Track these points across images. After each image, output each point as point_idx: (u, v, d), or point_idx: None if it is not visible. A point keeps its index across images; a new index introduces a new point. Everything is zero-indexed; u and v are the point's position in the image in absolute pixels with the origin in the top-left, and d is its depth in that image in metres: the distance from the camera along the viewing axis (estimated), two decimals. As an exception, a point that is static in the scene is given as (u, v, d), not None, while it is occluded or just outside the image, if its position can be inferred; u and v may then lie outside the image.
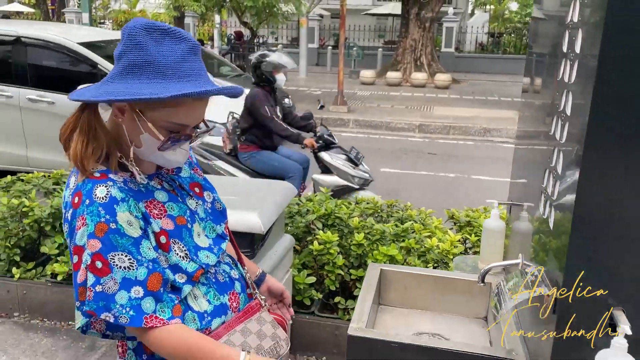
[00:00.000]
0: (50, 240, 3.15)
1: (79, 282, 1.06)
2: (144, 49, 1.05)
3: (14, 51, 5.19)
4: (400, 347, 1.34)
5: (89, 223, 1.05)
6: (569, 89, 1.14)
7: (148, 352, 1.16)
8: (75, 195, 1.08)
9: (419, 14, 15.70)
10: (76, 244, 1.07)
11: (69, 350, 2.86)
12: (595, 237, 1.04)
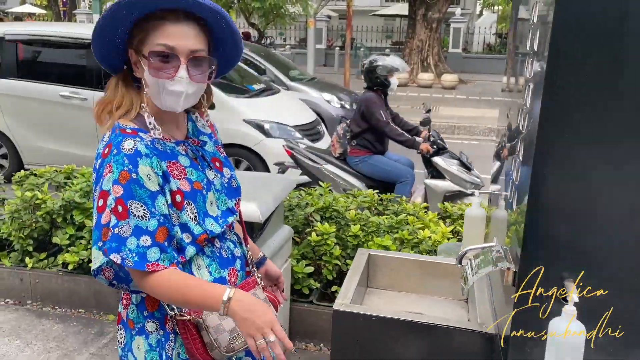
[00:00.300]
0: (61, 232, 3.29)
1: (103, 224, 1.18)
2: None
3: (88, 55, 5.28)
4: (380, 321, 1.46)
5: (115, 170, 1.17)
6: (529, 84, 1.26)
7: (150, 308, 1.28)
8: (106, 147, 1.21)
9: (426, 15, 15.79)
10: (102, 189, 1.19)
11: (79, 335, 3.01)
12: (548, 216, 1.16)
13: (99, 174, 1.20)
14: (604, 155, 1.11)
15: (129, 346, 1.32)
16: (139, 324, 1.30)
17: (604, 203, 1.13)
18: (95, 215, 1.20)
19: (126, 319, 1.32)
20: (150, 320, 1.29)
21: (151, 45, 1.19)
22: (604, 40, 1.06)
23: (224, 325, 1.25)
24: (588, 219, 1.14)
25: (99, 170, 1.20)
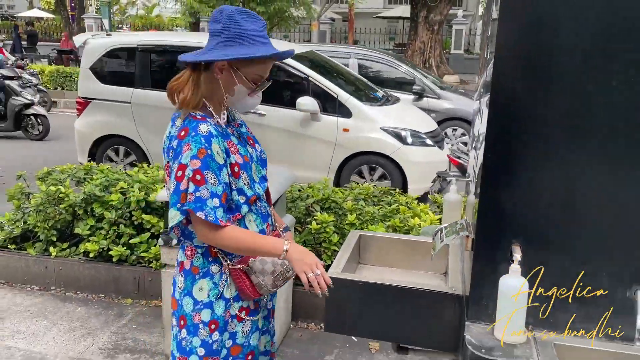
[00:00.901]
0: (82, 223, 3.58)
1: (181, 189, 1.51)
2: (240, 25, 1.53)
3: None
4: (366, 285, 1.73)
5: (193, 148, 1.50)
6: (487, 79, 1.53)
7: (212, 255, 1.62)
8: (182, 130, 1.54)
9: (428, 17, 16.03)
10: (181, 163, 1.51)
11: (100, 317, 3.29)
12: (496, 196, 1.42)
13: (178, 151, 1.51)
14: (538, 149, 1.38)
15: (188, 289, 1.63)
16: (204, 269, 1.63)
17: (537, 184, 1.39)
18: (174, 184, 1.52)
19: (189, 267, 1.64)
20: (214, 264, 1.63)
21: (251, 71, 1.59)
22: (537, 53, 1.33)
23: (266, 269, 1.62)
24: (525, 198, 1.41)
25: (177, 149, 1.52)
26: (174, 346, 1.69)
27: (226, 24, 1.55)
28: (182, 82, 1.59)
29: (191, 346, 1.63)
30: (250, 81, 1.60)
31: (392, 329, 1.75)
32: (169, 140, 1.58)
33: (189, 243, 1.64)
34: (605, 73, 1.32)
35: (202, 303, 1.62)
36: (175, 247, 2.67)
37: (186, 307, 1.64)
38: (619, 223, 1.38)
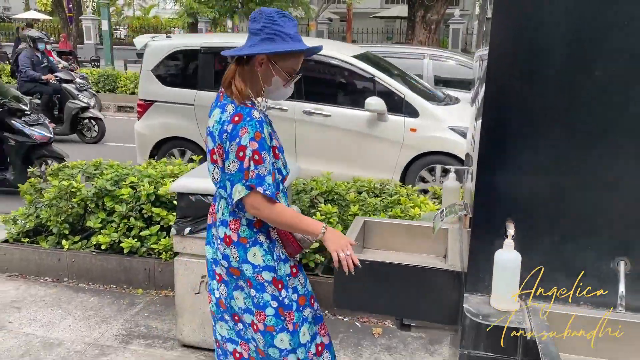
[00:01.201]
0: (94, 216, 3.71)
1: (244, 167, 1.74)
2: (277, 24, 1.76)
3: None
4: (372, 264, 1.86)
5: (250, 131, 1.72)
6: (479, 84, 1.66)
7: (257, 226, 1.86)
8: (236, 116, 1.76)
9: (425, 17, 16.13)
10: (241, 144, 1.73)
11: (113, 305, 3.42)
12: (492, 173, 1.56)
13: (234, 134, 1.71)
14: (528, 136, 1.52)
15: (244, 257, 1.87)
16: (252, 238, 1.87)
17: (528, 167, 1.53)
18: (237, 163, 1.75)
19: (237, 239, 1.86)
20: (260, 234, 1.87)
21: (287, 65, 1.82)
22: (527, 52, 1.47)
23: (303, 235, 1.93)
24: (518, 180, 1.55)
25: (232, 132, 1.71)
26: (249, 302, 1.93)
27: (265, 23, 1.76)
28: (230, 75, 1.80)
29: (263, 301, 1.90)
30: (286, 73, 1.83)
31: (395, 305, 1.89)
32: (220, 125, 1.77)
33: (241, 214, 1.87)
34: (589, 67, 1.45)
35: (260, 267, 1.88)
36: (187, 237, 2.81)
37: (247, 272, 1.89)
38: (602, 201, 1.52)
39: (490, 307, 1.58)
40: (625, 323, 1.51)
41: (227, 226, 1.89)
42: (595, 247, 1.54)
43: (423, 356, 2.92)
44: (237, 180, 1.77)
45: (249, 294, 1.92)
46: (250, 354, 2.03)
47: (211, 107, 1.89)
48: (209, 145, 1.86)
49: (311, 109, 5.17)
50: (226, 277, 1.95)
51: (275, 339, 1.92)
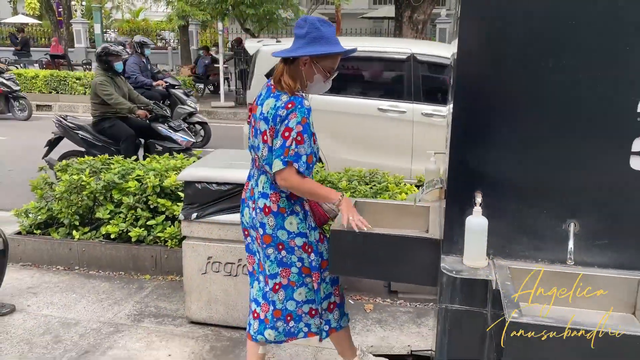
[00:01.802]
0: (103, 208, 3.96)
1: (286, 145, 2.08)
2: (319, 30, 2.10)
3: (406, 68, 5.21)
4: (362, 235, 2.13)
5: (299, 116, 2.08)
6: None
7: (293, 198, 2.22)
8: (289, 104, 2.10)
9: (412, 17, 16.45)
10: (288, 126, 2.07)
11: (123, 290, 3.67)
12: (463, 150, 1.84)
13: (284, 117, 2.09)
14: (494, 117, 1.80)
15: (281, 225, 2.23)
16: (289, 208, 2.23)
17: (494, 144, 1.82)
18: (281, 140, 2.09)
19: (277, 209, 2.20)
20: (296, 205, 2.24)
21: (327, 64, 2.17)
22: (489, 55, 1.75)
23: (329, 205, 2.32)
24: (486, 155, 1.83)
25: (284, 116, 2.07)
26: (273, 267, 2.29)
27: (309, 29, 2.08)
28: (279, 72, 2.13)
29: (290, 261, 2.28)
30: (326, 71, 2.17)
31: (384, 269, 2.16)
32: (274, 110, 2.09)
33: (276, 190, 2.22)
34: (544, 59, 1.74)
35: (294, 233, 2.24)
36: (194, 222, 3.07)
37: (281, 237, 2.25)
38: (556, 174, 1.81)
39: (463, 265, 1.86)
40: (572, 274, 1.80)
41: (267, 198, 2.23)
42: (550, 212, 1.83)
43: (411, 327, 3.20)
44: (277, 155, 2.10)
45: (277, 256, 2.28)
46: (267, 315, 2.35)
47: (260, 97, 2.24)
48: (261, 127, 2.17)
49: (430, 111, 5.09)
50: (259, 242, 2.28)
51: (295, 292, 2.32)
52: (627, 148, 1.73)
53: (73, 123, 5.80)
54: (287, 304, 2.33)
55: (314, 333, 2.43)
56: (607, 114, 1.73)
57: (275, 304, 2.34)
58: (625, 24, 1.66)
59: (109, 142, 5.69)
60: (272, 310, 2.35)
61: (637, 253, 1.79)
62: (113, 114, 5.70)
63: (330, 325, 2.43)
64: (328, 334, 2.44)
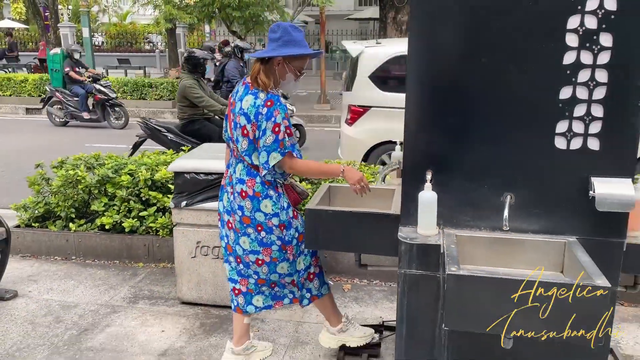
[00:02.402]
0: (97, 201, 4.21)
1: (280, 139, 2.35)
2: (291, 34, 2.39)
3: None
4: (333, 212, 2.43)
5: (281, 112, 2.36)
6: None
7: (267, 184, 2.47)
8: (268, 101, 2.36)
9: (396, 18, 16.83)
10: (276, 122, 2.34)
11: (118, 276, 3.93)
12: (416, 135, 2.14)
13: (268, 115, 2.35)
14: (442, 106, 2.10)
15: (257, 207, 2.48)
16: (264, 193, 2.48)
17: (442, 130, 2.11)
18: (273, 136, 2.35)
19: (253, 193, 2.46)
20: (270, 189, 2.49)
21: (297, 64, 2.45)
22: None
23: (301, 187, 2.65)
24: (435, 139, 2.13)
25: (267, 114, 2.34)
26: (254, 245, 2.55)
27: (282, 34, 2.37)
28: (255, 71, 2.39)
29: (270, 240, 2.53)
30: (296, 71, 2.45)
31: (352, 243, 2.45)
32: (255, 108, 2.36)
33: (252, 177, 2.48)
34: (477, 57, 2.03)
35: (270, 214, 2.49)
36: (184, 209, 3.34)
37: (259, 218, 2.49)
38: (494, 153, 2.10)
39: (417, 234, 2.16)
40: (508, 240, 2.10)
41: (244, 183, 2.49)
42: (489, 186, 2.13)
43: (384, 303, 3.49)
44: (272, 149, 2.36)
45: (257, 237, 2.53)
46: (248, 287, 2.64)
47: (238, 94, 2.48)
48: (241, 122, 2.41)
49: None
50: (237, 224, 2.55)
51: (277, 267, 2.60)
52: (552, 130, 2.03)
53: (160, 125, 6.00)
54: (270, 276, 2.62)
55: (297, 299, 2.71)
56: (534, 101, 2.03)
57: (259, 274, 2.61)
58: (543, 27, 1.96)
59: (196, 143, 5.75)
60: (256, 279, 2.63)
61: (562, 220, 2.09)
62: (201, 115, 5.91)
63: (312, 293, 2.72)
64: (310, 301, 2.72)
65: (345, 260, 3.81)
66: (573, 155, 2.03)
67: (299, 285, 2.67)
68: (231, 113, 2.52)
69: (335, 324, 2.80)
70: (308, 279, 2.69)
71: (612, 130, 1.99)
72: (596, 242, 2.07)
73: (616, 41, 1.92)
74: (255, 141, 2.42)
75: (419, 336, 2.27)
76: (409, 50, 2.11)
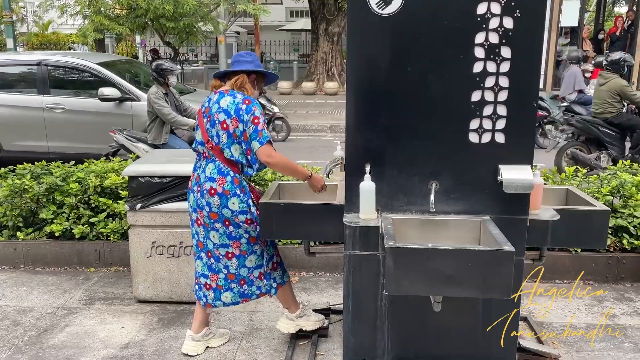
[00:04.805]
0: (46, 209, 4.27)
1: (259, 129, 2.65)
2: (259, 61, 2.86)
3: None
4: (284, 205, 2.73)
5: (258, 108, 2.69)
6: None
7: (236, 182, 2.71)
8: (246, 100, 2.69)
9: (327, 29, 17.42)
10: (255, 115, 2.65)
11: (71, 281, 4.02)
12: (357, 134, 2.49)
13: (247, 110, 2.66)
14: (376, 107, 2.46)
15: (225, 204, 2.71)
16: (232, 191, 2.71)
17: (378, 129, 2.47)
18: (254, 127, 2.65)
19: (222, 191, 2.68)
20: (237, 188, 2.72)
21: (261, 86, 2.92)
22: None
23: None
24: (373, 137, 2.49)
25: (246, 110, 2.66)
26: (223, 239, 2.77)
27: (253, 59, 2.84)
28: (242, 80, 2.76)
29: (239, 234, 2.78)
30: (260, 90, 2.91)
31: (302, 231, 2.76)
32: (235, 105, 2.65)
33: (223, 175, 2.71)
34: (405, 66, 2.41)
35: (237, 211, 2.73)
36: (139, 211, 3.52)
37: (226, 214, 2.72)
38: (421, 146, 2.49)
39: (360, 219, 2.50)
40: (435, 220, 2.49)
41: (214, 181, 2.72)
42: (419, 175, 2.51)
43: (330, 292, 3.82)
44: (253, 138, 2.65)
45: (226, 231, 2.77)
46: (218, 283, 2.87)
47: (211, 101, 2.76)
48: (220, 118, 2.67)
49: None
50: (205, 219, 2.77)
51: (247, 260, 2.84)
52: (467, 127, 2.44)
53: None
54: (240, 270, 2.84)
55: (263, 293, 2.93)
56: (451, 103, 2.43)
57: (229, 268, 2.84)
58: (456, 41, 2.37)
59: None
60: (226, 274, 2.85)
61: (478, 202, 2.50)
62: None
63: (277, 281, 2.95)
64: (277, 289, 2.96)
65: (293, 255, 4.11)
66: (484, 147, 2.45)
67: (267, 276, 2.90)
68: (204, 117, 2.77)
69: (294, 310, 3.08)
70: (273, 268, 2.94)
71: (514, 126, 2.43)
72: (505, 220, 2.50)
73: (514, 53, 2.36)
74: (234, 135, 2.66)
75: (364, 309, 2.61)
76: (347, 61, 2.46)
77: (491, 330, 2.59)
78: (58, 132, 7.07)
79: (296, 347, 3.07)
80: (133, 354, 3.03)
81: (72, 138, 7.03)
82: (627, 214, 3.96)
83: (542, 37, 2.37)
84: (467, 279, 2.13)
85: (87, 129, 6.98)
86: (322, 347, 3.08)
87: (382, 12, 2.38)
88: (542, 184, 2.64)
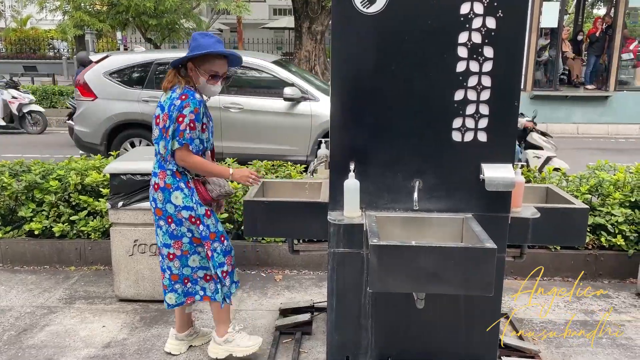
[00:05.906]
0: (25, 207, 4.20)
1: (181, 129, 2.53)
2: (198, 40, 2.59)
3: None
4: (268, 203, 2.73)
5: (192, 106, 2.53)
6: (330, 72, 2.60)
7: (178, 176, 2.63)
8: (183, 95, 2.54)
9: (311, 28, 17.39)
10: (182, 113, 2.51)
11: (51, 280, 3.96)
12: (341, 134, 2.50)
13: (179, 106, 2.52)
14: (360, 108, 2.47)
15: (168, 199, 2.63)
16: (175, 184, 2.63)
17: (362, 128, 2.48)
18: (176, 125, 2.53)
19: (164, 185, 2.61)
20: (181, 182, 2.64)
21: (207, 67, 2.61)
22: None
23: (216, 182, 2.76)
24: (357, 136, 2.50)
25: (178, 105, 2.50)
26: (165, 238, 2.68)
27: (191, 42, 2.59)
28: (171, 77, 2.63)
29: (181, 233, 2.68)
30: (207, 74, 2.61)
31: (286, 229, 2.76)
32: (170, 100, 2.54)
33: (163, 169, 2.64)
34: (389, 68, 2.43)
35: (180, 206, 2.62)
36: (120, 209, 3.49)
37: (169, 210, 2.63)
38: (405, 145, 2.50)
39: (344, 216, 2.51)
40: (418, 218, 2.51)
41: (156, 176, 2.67)
42: (403, 173, 2.52)
43: (314, 289, 3.83)
44: (174, 137, 2.55)
45: (168, 229, 2.67)
46: (163, 282, 2.82)
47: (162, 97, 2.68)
48: (157, 112, 2.62)
49: None
50: (154, 216, 2.73)
51: (189, 260, 2.74)
52: (450, 125, 2.47)
53: None
54: (183, 270, 2.74)
55: (208, 297, 2.78)
56: (435, 102, 2.45)
57: (172, 269, 2.75)
58: (440, 41, 2.39)
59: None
60: (169, 274, 2.76)
61: (461, 200, 2.53)
62: None
63: (223, 291, 2.77)
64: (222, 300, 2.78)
65: (276, 253, 4.11)
66: (467, 146, 2.48)
67: (213, 281, 2.76)
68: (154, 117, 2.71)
69: (222, 334, 2.87)
70: (222, 276, 2.74)
71: (496, 125, 2.46)
72: (487, 217, 2.53)
73: (496, 53, 2.39)
74: (163, 130, 2.58)
75: (347, 307, 2.62)
76: (332, 60, 2.47)
77: (473, 327, 2.62)
78: (234, 133, 6.62)
79: (280, 345, 3.07)
80: (115, 353, 3.00)
81: (247, 138, 6.61)
82: (605, 212, 4.04)
83: (524, 38, 2.40)
84: (449, 275, 2.15)
85: (264, 130, 6.60)
86: (305, 344, 3.09)
87: (367, 11, 2.39)
88: (524, 182, 2.68)
